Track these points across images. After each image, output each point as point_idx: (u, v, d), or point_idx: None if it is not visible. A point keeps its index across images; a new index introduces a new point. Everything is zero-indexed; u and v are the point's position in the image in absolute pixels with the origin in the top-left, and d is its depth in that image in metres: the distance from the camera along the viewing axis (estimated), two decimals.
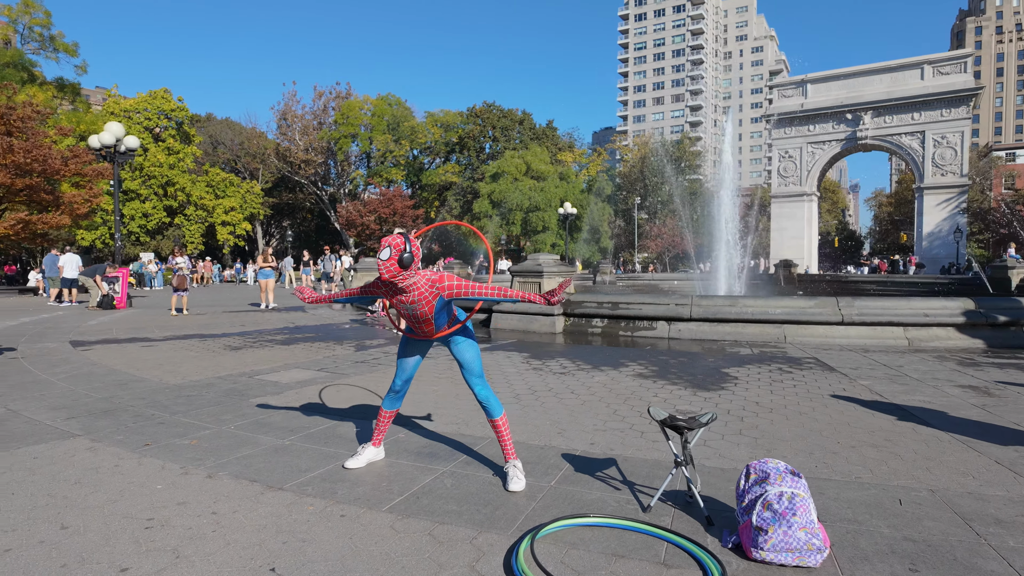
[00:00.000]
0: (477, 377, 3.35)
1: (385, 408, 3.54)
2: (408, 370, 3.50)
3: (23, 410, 4.76)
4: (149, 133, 45.27)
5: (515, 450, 3.40)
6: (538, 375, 6.18)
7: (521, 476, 3.23)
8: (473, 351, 3.39)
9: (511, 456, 3.32)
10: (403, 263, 2.98)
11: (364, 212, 41.72)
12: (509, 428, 3.37)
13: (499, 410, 3.33)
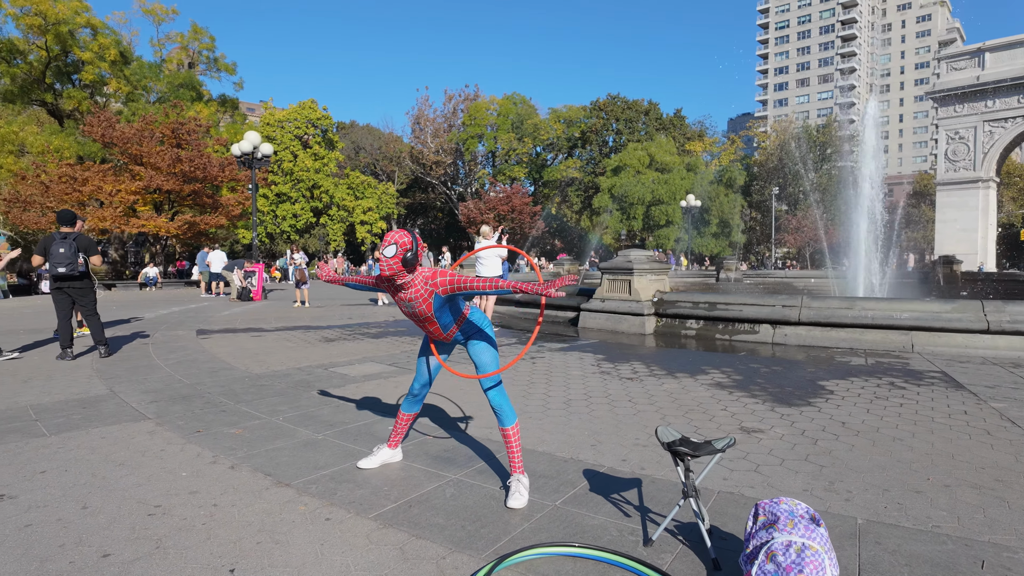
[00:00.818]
0: (491, 383, 3.15)
1: (403, 411, 3.46)
2: (425, 373, 3.39)
3: (121, 392, 5.34)
4: (298, 141, 49.86)
5: (523, 463, 3.15)
6: (601, 379, 5.83)
7: (524, 493, 3.00)
8: (490, 354, 3.20)
9: (517, 469, 3.09)
10: (407, 263, 2.87)
11: (484, 210, 42.76)
12: (520, 439, 3.14)
13: (511, 419, 3.11)
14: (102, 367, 6.55)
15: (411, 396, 3.43)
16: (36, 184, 22.86)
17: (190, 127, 25.27)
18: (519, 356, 3.53)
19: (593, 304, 9.85)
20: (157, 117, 25.93)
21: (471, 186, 62.15)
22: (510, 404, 3.15)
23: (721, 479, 3.27)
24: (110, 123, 23.87)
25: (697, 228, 52.00)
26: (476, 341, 3.22)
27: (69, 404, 4.92)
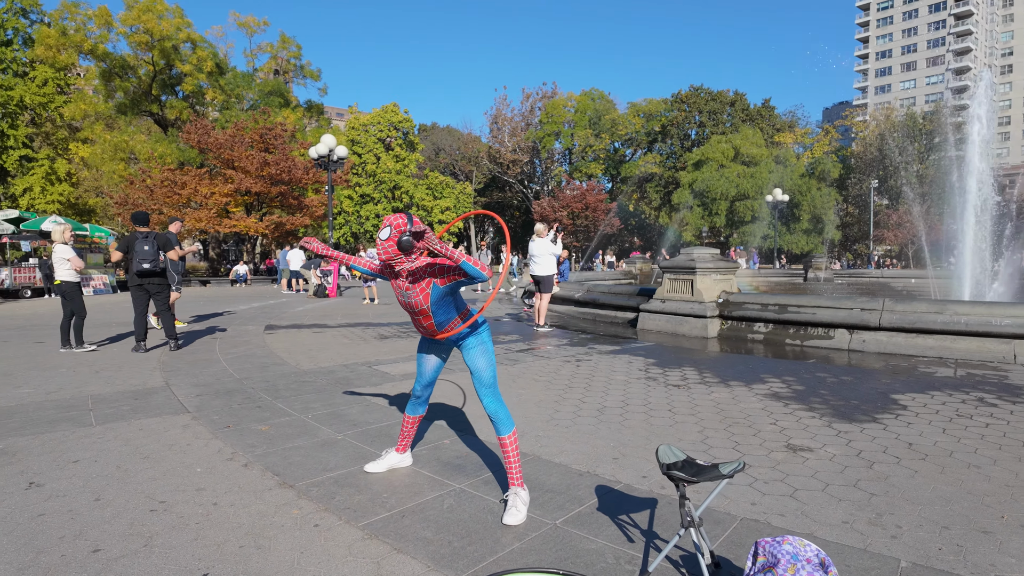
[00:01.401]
0: (487, 388, 2.97)
1: (407, 413, 3.34)
2: (426, 374, 3.23)
3: (174, 385, 5.59)
4: (381, 144, 51.59)
5: (523, 475, 2.96)
6: (645, 386, 5.50)
7: (521, 508, 2.80)
8: (486, 359, 3.01)
9: (515, 482, 2.89)
10: (401, 246, 2.71)
11: (558, 208, 42.43)
12: (518, 448, 2.95)
13: (508, 427, 2.92)
14: (167, 360, 6.93)
15: (414, 398, 3.30)
16: (142, 188, 24.95)
17: (277, 132, 26.70)
18: (483, 308, 3.34)
19: (653, 305, 9.42)
20: (247, 124, 27.60)
21: (547, 184, 61.99)
22: (507, 411, 2.96)
23: (749, 504, 2.93)
24: (206, 130, 25.65)
25: (786, 224, 49.21)
26: (470, 343, 3.03)
27: (124, 395, 5.20)
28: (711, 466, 2.28)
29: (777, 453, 3.65)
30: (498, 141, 60.18)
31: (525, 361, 6.72)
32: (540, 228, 9.43)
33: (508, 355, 7.10)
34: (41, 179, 30.96)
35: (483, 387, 2.97)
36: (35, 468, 3.43)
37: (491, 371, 3.00)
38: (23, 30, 31.60)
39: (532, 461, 3.53)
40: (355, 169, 49.36)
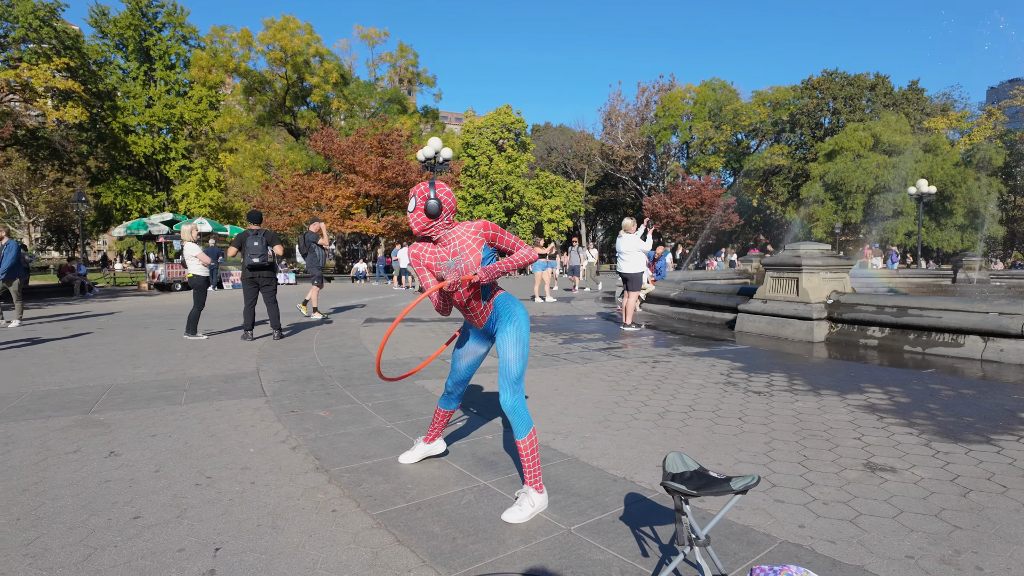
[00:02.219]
0: (510, 382, 2.76)
1: (440, 407, 3.30)
2: (460, 370, 3.13)
3: (263, 371, 6.03)
4: (494, 145, 52.73)
5: (542, 479, 2.81)
6: (721, 391, 5.09)
7: (527, 508, 2.68)
8: (517, 350, 2.78)
9: (530, 482, 2.76)
10: (429, 210, 2.66)
11: (669, 204, 40.85)
12: (536, 452, 2.77)
13: (525, 430, 2.73)
14: (267, 348, 7.50)
15: (446, 394, 3.24)
16: (276, 192, 27.42)
17: (393, 137, 28.18)
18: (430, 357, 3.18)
19: (752, 305, 8.74)
20: (368, 131, 29.37)
21: (663, 180, 60.03)
22: (526, 411, 2.78)
23: (796, 525, 2.58)
24: (330, 138, 27.65)
25: (935, 219, 43.87)
26: (507, 331, 2.82)
27: (217, 378, 5.68)
28: (723, 479, 2.02)
29: (851, 472, 3.20)
30: (611, 137, 59.20)
31: (598, 360, 6.50)
32: (628, 223, 9.09)
33: (583, 353, 6.91)
34: (196, 186, 35.05)
35: (506, 380, 2.77)
36: (120, 439, 3.82)
37: (520, 365, 2.79)
38: (183, 55, 35.96)
39: (568, 463, 3.38)
40: (469, 171, 50.86)
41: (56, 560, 2.31)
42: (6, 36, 27.28)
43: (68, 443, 3.73)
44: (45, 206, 50.42)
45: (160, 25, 35.79)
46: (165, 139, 35.46)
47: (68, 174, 35.12)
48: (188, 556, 2.35)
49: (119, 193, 34.64)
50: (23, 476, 3.19)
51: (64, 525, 2.61)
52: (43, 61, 26.43)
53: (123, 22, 34.61)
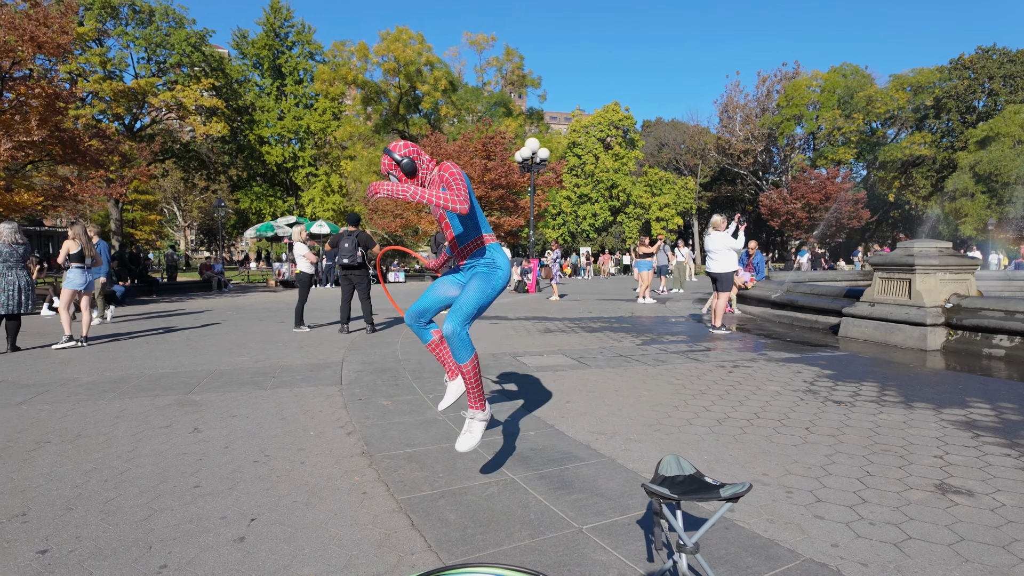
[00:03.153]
0: (457, 314, 2.81)
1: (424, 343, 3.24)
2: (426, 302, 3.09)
3: (346, 362, 6.45)
4: (601, 143, 52.19)
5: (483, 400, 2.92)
6: (798, 399, 4.74)
7: (476, 430, 2.87)
8: (478, 292, 2.84)
9: (474, 405, 2.87)
10: (405, 168, 2.81)
11: (789, 200, 38.17)
12: (478, 376, 2.87)
13: (465, 356, 2.82)
14: (357, 341, 8.00)
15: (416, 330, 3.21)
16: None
17: (497, 140, 28.75)
18: None
19: (859, 308, 8.01)
20: (473, 134, 30.22)
21: (785, 174, 56.29)
22: (467, 340, 2.83)
23: (828, 544, 2.39)
24: (438, 143, 28.74)
25: None
26: (478, 273, 2.93)
27: (305, 367, 6.16)
28: (713, 485, 1.93)
29: (915, 492, 2.88)
30: (728, 130, 56.47)
31: (673, 363, 6.28)
32: (717, 220, 8.67)
33: (659, 355, 6.70)
34: (320, 191, 37.94)
35: (456, 312, 2.82)
36: (206, 418, 4.28)
37: (475, 303, 2.84)
38: (310, 70, 39.10)
39: (602, 464, 3.33)
40: (574, 170, 50.72)
41: (123, 517, 2.66)
42: (165, 62, 31.13)
43: (164, 419, 4.24)
44: (197, 211, 56.84)
45: (290, 44, 39.15)
46: (294, 148, 38.76)
47: (214, 182, 39.40)
48: (227, 523, 2.60)
49: (255, 199, 38.33)
50: (121, 444, 3.67)
51: (138, 488, 2.99)
52: (193, 82, 29.86)
53: (259, 43, 38.26)
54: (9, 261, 7.29)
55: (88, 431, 3.95)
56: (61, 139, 13.15)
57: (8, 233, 7.37)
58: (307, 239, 10.40)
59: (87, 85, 26.16)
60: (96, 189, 13.93)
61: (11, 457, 3.46)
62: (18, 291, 7.32)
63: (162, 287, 20.87)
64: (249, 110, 37.33)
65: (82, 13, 27.53)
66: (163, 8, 30.54)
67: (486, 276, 2.91)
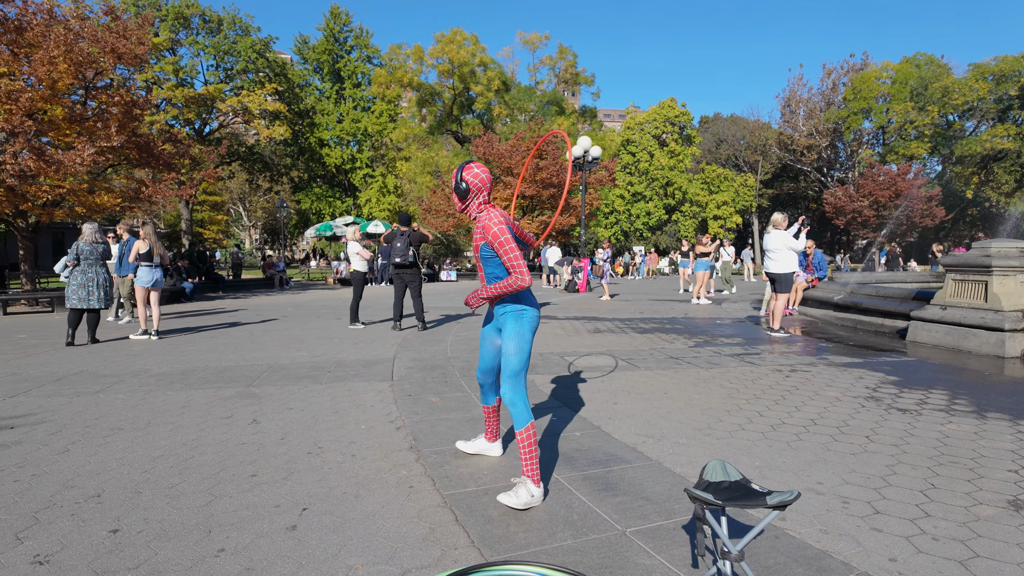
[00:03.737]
0: (508, 376, 2.81)
1: (481, 403, 3.32)
2: (486, 357, 3.13)
3: (397, 358, 6.59)
4: (656, 140, 51.28)
5: (538, 473, 2.79)
6: (859, 406, 4.53)
7: (523, 496, 2.73)
8: (515, 343, 2.81)
9: (526, 472, 2.78)
10: (459, 192, 2.83)
11: (856, 197, 36.44)
12: (534, 445, 2.78)
13: (522, 422, 2.77)
14: (409, 338, 8.16)
15: (481, 388, 3.26)
16: (441, 196, 29.41)
17: (549, 139, 28.75)
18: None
19: (929, 312, 7.58)
20: (525, 134, 30.31)
21: (852, 170, 53.80)
22: (526, 405, 2.80)
23: (886, 558, 2.28)
24: (491, 143, 28.97)
25: None
26: (509, 324, 2.87)
27: (359, 363, 6.33)
28: (760, 492, 1.88)
29: (986, 508, 2.71)
30: (790, 125, 54.44)
31: (727, 366, 6.12)
32: (778, 218, 8.38)
33: (712, 358, 6.54)
34: (376, 191, 38.90)
35: (504, 374, 2.82)
36: (264, 410, 4.47)
37: (518, 359, 2.81)
38: (367, 73, 40.15)
39: (649, 467, 3.28)
40: (628, 168, 50.03)
41: (186, 502, 2.81)
42: (232, 68, 32.59)
43: (226, 410, 4.46)
44: (261, 211, 59.22)
45: (349, 48, 40.28)
46: (352, 150, 39.90)
47: (277, 184, 40.95)
48: (280, 511, 2.72)
49: (315, 199, 39.67)
50: (186, 433, 3.88)
51: (200, 475, 3.15)
52: (258, 87, 31.16)
53: (320, 48, 39.54)
54: (90, 259, 7.83)
55: (157, 420, 4.19)
56: (137, 144, 13.96)
57: (89, 233, 7.92)
58: (361, 239, 10.68)
59: (161, 92, 27.69)
60: (168, 191, 14.72)
61: (89, 442, 3.71)
62: (97, 287, 7.85)
63: (228, 284, 21.89)
64: (310, 113, 38.62)
65: (157, 24, 29.16)
66: (231, 17, 31.99)
67: (516, 319, 2.86)
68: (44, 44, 11.84)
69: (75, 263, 7.80)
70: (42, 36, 11.99)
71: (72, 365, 6.29)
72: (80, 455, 3.46)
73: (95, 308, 7.87)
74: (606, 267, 15.85)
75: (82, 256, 7.80)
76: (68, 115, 12.87)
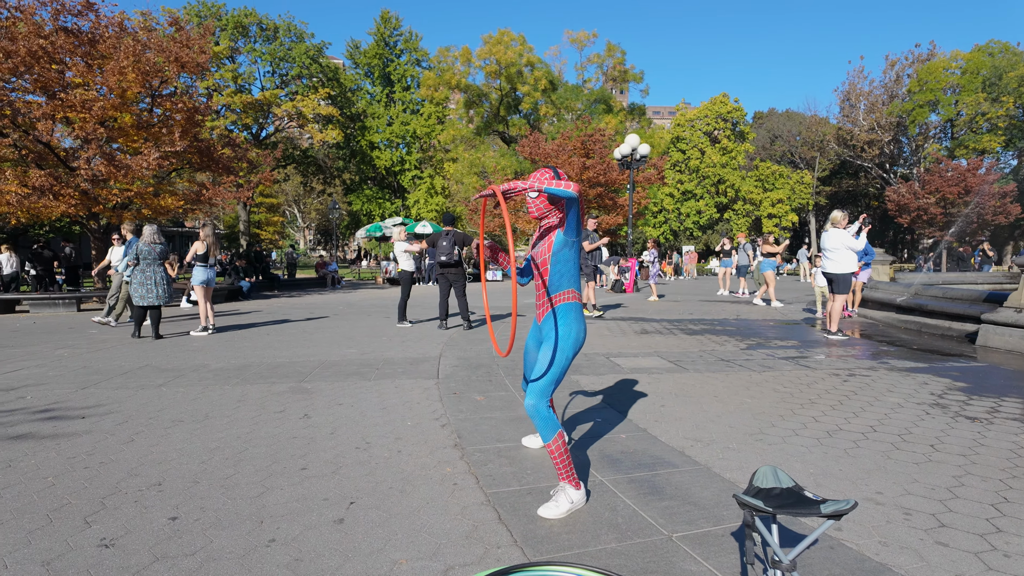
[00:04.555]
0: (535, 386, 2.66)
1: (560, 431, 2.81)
2: (529, 368, 3.09)
3: (443, 357, 6.65)
4: (707, 137, 50.15)
5: (575, 475, 2.71)
6: (923, 413, 4.30)
7: (563, 504, 2.66)
8: (549, 355, 2.67)
9: (563, 477, 2.69)
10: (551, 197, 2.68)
11: (921, 194, 34.64)
12: (566, 453, 2.67)
13: (547, 435, 2.64)
14: (454, 337, 8.23)
15: None
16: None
17: (596, 137, 28.49)
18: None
19: (1002, 315, 7.13)
20: (572, 133, 30.14)
21: (916, 166, 51.23)
22: (550, 416, 2.66)
23: (951, 575, 2.16)
24: (537, 143, 28.92)
25: None
26: (549, 339, 2.74)
27: (406, 361, 6.43)
28: (814, 500, 1.80)
29: None
30: (850, 120, 52.19)
31: (779, 369, 5.91)
32: (837, 216, 8.05)
33: (765, 361, 6.34)
34: (424, 193, 39.48)
35: (532, 384, 2.69)
36: (315, 405, 4.59)
37: (552, 375, 2.67)
38: (416, 76, 40.80)
39: (697, 471, 3.20)
40: (678, 166, 49.11)
41: (239, 493, 2.91)
42: (287, 74, 33.71)
43: (278, 404, 4.60)
44: (315, 213, 60.98)
45: (399, 52, 41.03)
46: (401, 152, 40.64)
47: (329, 186, 42.11)
48: (329, 504, 2.78)
49: (366, 201, 40.56)
50: (241, 427, 4.02)
51: (253, 468, 3.26)
52: (311, 92, 32.13)
53: (370, 52, 40.40)
54: (149, 259, 8.25)
55: (214, 413, 4.36)
56: (199, 148, 14.62)
57: (149, 234, 8.35)
58: (407, 238, 10.82)
59: (221, 99, 28.87)
60: (227, 193, 15.34)
61: (152, 432, 3.89)
62: (155, 284, 8.28)
63: (283, 283, 22.63)
64: (361, 117, 39.52)
65: (217, 33, 30.43)
66: (286, 24, 33.07)
67: (564, 334, 2.71)
68: (115, 55, 12.52)
69: (135, 263, 8.23)
70: (113, 48, 12.69)
71: (137, 359, 6.62)
72: (143, 445, 3.64)
73: (155, 305, 8.29)
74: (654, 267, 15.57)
75: (141, 256, 8.22)
76: (136, 122, 13.58)
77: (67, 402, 4.70)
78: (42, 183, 11.76)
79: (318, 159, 38.30)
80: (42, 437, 3.80)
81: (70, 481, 3.07)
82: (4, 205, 11.87)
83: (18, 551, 2.35)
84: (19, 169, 12.59)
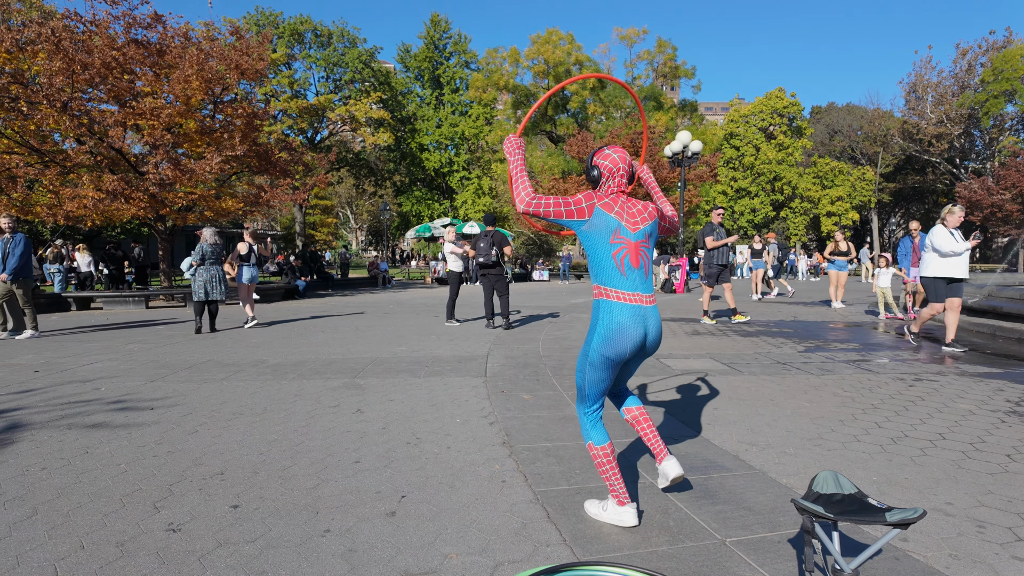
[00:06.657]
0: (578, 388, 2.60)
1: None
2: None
3: (490, 356, 6.69)
4: (762, 133, 48.65)
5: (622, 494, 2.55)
6: (996, 420, 4.05)
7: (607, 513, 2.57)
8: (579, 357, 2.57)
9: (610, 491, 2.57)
10: (590, 180, 2.57)
11: (995, 190, 32.63)
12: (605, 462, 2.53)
13: (585, 437, 2.57)
14: (500, 336, 8.26)
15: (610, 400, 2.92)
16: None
17: (648, 136, 28.19)
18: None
19: None
20: (620, 131, 29.82)
21: (990, 160, 48.31)
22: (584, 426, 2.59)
23: None
24: (584, 141, 28.80)
25: None
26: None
27: (454, 359, 6.50)
28: (878, 508, 1.73)
29: None
30: (916, 113, 49.59)
31: (840, 372, 5.68)
32: (955, 212, 7.57)
33: (824, 364, 6.10)
34: (472, 193, 39.81)
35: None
36: (367, 400, 4.69)
37: (579, 376, 2.58)
38: (465, 78, 41.22)
39: (752, 476, 3.11)
40: (731, 163, 47.85)
41: (296, 484, 3.01)
42: (340, 79, 34.63)
43: (333, 399, 4.73)
44: (367, 214, 62.40)
45: (448, 54, 41.52)
46: (450, 154, 41.13)
47: (381, 188, 42.98)
48: (381, 498, 2.84)
49: (415, 202, 41.23)
50: (298, 420, 4.16)
51: (309, 460, 3.36)
52: (364, 96, 32.88)
53: (420, 55, 41.04)
54: (210, 258, 8.76)
55: (272, 407, 4.52)
56: (257, 153, 15.18)
57: (210, 235, 8.90)
58: (456, 238, 10.95)
59: (278, 104, 29.89)
60: (284, 195, 15.88)
61: (214, 424, 4.07)
62: (219, 281, 8.88)
63: (336, 282, 23.27)
64: (411, 120, 40.19)
65: (275, 41, 31.53)
66: (339, 30, 33.97)
67: (589, 333, 2.58)
68: (180, 65, 13.15)
69: (200, 262, 8.75)
70: (179, 58, 13.33)
71: (201, 354, 6.93)
72: (207, 436, 3.80)
73: (216, 300, 8.85)
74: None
75: (205, 255, 8.73)
76: (199, 128, 14.23)
77: (137, 394, 4.97)
78: (115, 187, 12.46)
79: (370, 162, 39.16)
80: (115, 426, 4.02)
81: (140, 468, 3.24)
82: (81, 208, 12.64)
83: (95, 532, 2.49)
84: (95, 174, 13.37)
